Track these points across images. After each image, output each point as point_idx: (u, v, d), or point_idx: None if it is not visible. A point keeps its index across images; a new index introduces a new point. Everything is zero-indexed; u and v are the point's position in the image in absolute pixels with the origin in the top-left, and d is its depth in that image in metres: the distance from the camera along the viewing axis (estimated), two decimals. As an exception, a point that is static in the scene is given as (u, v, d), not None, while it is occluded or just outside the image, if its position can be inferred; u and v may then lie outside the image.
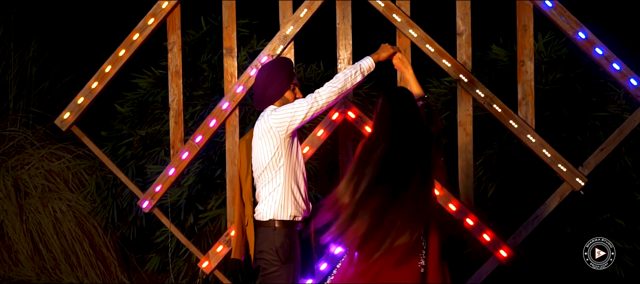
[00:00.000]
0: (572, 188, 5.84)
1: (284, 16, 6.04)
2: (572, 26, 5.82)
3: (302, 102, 4.75)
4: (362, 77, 4.84)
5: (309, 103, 4.74)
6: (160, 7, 6.13)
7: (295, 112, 4.74)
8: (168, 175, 6.11)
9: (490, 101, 5.88)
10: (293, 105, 4.76)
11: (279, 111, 4.76)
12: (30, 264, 7.77)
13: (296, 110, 4.74)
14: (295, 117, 4.74)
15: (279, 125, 4.74)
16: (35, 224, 7.83)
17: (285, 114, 4.74)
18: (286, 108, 4.76)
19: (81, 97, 6.19)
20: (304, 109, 4.74)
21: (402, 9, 5.94)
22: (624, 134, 5.86)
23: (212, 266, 6.10)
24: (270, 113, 4.78)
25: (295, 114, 4.74)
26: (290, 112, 4.74)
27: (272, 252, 4.73)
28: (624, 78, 5.78)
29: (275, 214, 4.76)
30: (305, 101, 4.75)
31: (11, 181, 7.94)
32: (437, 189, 5.83)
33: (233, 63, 6.10)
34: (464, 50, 5.90)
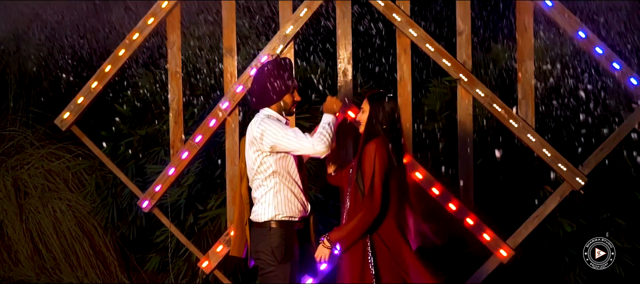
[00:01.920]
0: (573, 188, 5.84)
1: (283, 16, 6.05)
2: (572, 25, 5.82)
3: (295, 139, 4.70)
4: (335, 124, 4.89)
5: (302, 145, 4.71)
6: (160, 7, 6.14)
7: (282, 142, 4.71)
8: (168, 175, 6.13)
9: (490, 100, 5.88)
10: (286, 133, 4.71)
11: (269, 129, 4.72)
12: (30, 264, 7.76)
13: (284, 140, 4.71)
14: (281, 145, 4.72)
15: (264, 141, 4.73)
16: (35, 224, 7.82)
17: (273, 137, 4.71)
18: (277, 132, 4.71)
19: (81, 97, 6.21)
20: (293, 146, 4.72)
21: (402, 8, 5.95)
22: (624, 133, 5.85)
23: (212, 266, 6.11)
24: (260, 123, 4.76)
25: (282, 143, 4.71)
26: (277, 138, 4.71)
27: (268, 252, 4.76)
28: (624, 77, 5.78)
29: (271, 215, 4.78)
30: (300, 140, 4.70)
31: (11, 180, 7.94)
32: (437, 189, 5.88)
33: (233, 63, 6.11)
34: (464, 50, 5.91)
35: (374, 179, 4.60)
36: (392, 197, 4.68)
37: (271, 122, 4.76)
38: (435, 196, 5.89)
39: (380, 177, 4.61)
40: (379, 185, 4.60)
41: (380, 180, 4.60)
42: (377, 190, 4.60)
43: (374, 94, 4.81)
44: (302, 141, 4.71)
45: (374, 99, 4.79)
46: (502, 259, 5.87)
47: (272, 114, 4.86)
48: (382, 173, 4.61)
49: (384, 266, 4.63)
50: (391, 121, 4.74)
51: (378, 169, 4.61)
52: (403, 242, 4.67)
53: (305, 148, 4.71)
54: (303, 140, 4.71)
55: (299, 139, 4.71)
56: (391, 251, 4.64)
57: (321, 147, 4.70)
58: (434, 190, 5.88)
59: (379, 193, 4.60)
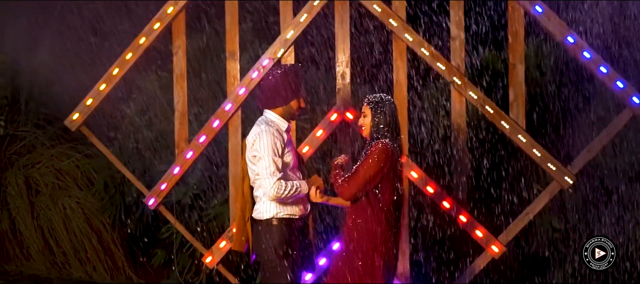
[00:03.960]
0: (561, 186, 5.97)
1: (284, 20, 6.12)
2: (561, 31, 5.94)
3: (267, 172, 4.74)
4: (303, 194, 4.95)
5: (265, 182, 4.76)
6: (166, 12, 6.22)
7: (259, 164, 4.79)
8: (173, 174, 6.20)
9: (483, 102, 5.99)
10: (267, 161, 4.75)
11: (259, 143, 4.77)
12: (41, 259, 7.85)
13: (260, 164, 4.78)
14: (257, 165, 4.79)
15: (253, 148, 4.83)
16: (46, 221, 7.90)
17: (258, 152, 4.78)
18: (263, 151, 4.76)
19: (90, 99, 6.28)
20: (261, 174, 4.78)
21: (398, 13, 6.03)
22: (611, 135, 5.98)
23: (216, 261, 6.18)
24: (258, 134, 4.79)
25: (258, 165, 4.79)
26: (259, 155, 4.78)
27: (270, 249, 4.85)
28: (611, 81, 5.89)
29: (273, 213, 4.87)
30: (268, 178, 4.75)
31: (23, 179, 8.01)
32: (431, 187, 6.00)
33: (235, 66, 6.17)
34: (457, 54, 6.01)
35: (360, 170, 4.70)
36: (386, 197, 4.76)
37: (268, 136, 4.80)
38: (429, 194, 5.99)
39: (366, 173, 4.69)
40: (361, 177, 4.68)
41: (365, 175, 4.69)
42: (357, 179, 4.69)
43: (374, 98, 4.89)
44: (268, 179, 4.76)
45: (374, 103, 4.87)
46: (493, 255, 5.98)
47: (273, 121, 4.91)
48: (372, 171, 4.70)
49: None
50: (393, 123, 4.84)
51: (369, 165, 4.70)
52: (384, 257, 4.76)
53: (265, 185, 4.78)
54: (270, 179, 4.76)
55: (268, 175, 4.76)
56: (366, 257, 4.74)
57: (273, 193, 4.75)
58: (429, 188, 5.99)
59: (358, 183, 4.69)
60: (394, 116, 4.87)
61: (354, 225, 4.81)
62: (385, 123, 4.82)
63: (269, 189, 4.76)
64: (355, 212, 4.83)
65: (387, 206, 4.76)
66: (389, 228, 4.77)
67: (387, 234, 4.75)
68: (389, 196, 4.77)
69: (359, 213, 4.80)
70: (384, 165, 4.71)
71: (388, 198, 4.76)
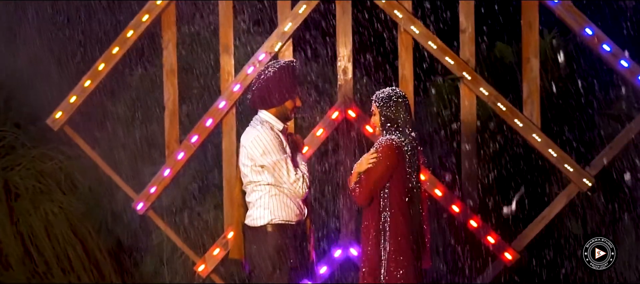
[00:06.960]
0: (579, 189, 5.84)
1: (282, 13, 6.05)
2: (579, 22, 5.81)
3: (285, 173, 4.68)
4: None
5: (292, 180, 4.70)
6: (155, 4, 6.11)
7: (280, 180, 4.69)
8: (163, 176, 6.13)
9: (494, 99, 5.87)
10: (277, 162, 4.67)
11: (259, 147, 4.67)
12: (21, 269, 7.70)
13: (284, 181, 4.69)
14: (267, 163, 4.68)
15: (252, 155, 4.69)
16: (27, 227, 7.75)
17: (259, 154, 4.67)
18: (277, 169, 4.68)
19: (73, 96, 6.19)
20: (296, 188, 4.71)
21: (404, 5, 5.93)
22: (633, 132, 5.83)
23: (209, 270, 6.12)
24: (254, 138, 4.69)
25: (282, 181, 4.69)
26: (275, 174, 4.68)
27: (265, 258, 4.73)
28: (633, 75, 5.77)
29: (267, 219, 4.75)
30: (300, 184, 4.71)
31: (1, 182, 7.85)
32: (440, 190, 5.86)
33: (230, 61, 6.09)
34: (467, 48, 5.91)
35: (367, 172, 4.60)
36: (396, 198, 4.61)
37: (268, 137, 4.70)
38: (438, 198, 5.87)
39: (372, 174, 4.58)
40: (368, 180, 4.59)
41: (370, 176, 4.58)
42: (365, 182, 4.60)
43: (381, 94, 4.76)
44: (294, 184, 4.73)
45: (380, 99, 4.73)
46: (506, 263, 5.85)
47: (268, 121, 4.80)
48: (377, 170, 4.57)
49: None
50: (401, 119, 4.68)
51: (374, 165, 4.58)
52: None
53: (294, 188, 4.74)
54: (295, 182, 4.73)
55: (292, 179, 4.72)
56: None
57: (304, 191, 4.75)
58: (437, 191, 5.86)
59: (368, 186, 4.60)
60: (402, 111, 4.69)
61: (365, 228, 4.72)
62: (392, 119, 4.68)
63: (298, 189, 4.74)
64: (364, 215, 4.72)
65: (395, 208, 4.60)
66: (399, 228, 4.59)
67: (397, 236, 4.59)
68: (399, 196, 4.61)
69: (366, 215, 4.70)
70: (390, 163, 4.57)
71: (398, 198, 4.60)
